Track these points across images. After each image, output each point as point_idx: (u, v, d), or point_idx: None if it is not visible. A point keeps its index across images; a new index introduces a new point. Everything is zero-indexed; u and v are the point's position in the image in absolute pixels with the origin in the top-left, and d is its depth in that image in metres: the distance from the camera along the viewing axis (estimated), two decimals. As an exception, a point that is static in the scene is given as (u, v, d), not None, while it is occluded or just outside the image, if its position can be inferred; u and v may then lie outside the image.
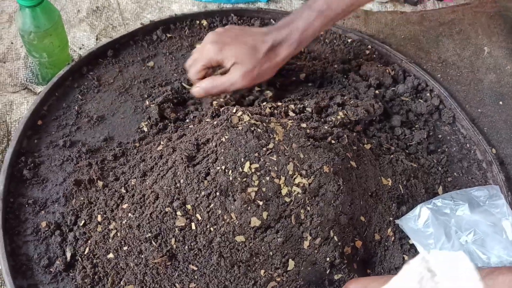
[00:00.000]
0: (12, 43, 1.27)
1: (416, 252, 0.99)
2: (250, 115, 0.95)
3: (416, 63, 1.27)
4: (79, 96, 1.14)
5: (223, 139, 0.91)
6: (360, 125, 1.12)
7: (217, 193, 0.88)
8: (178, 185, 0.90)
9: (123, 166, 1.02)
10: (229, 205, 0.88)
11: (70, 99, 1.14)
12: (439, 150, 1.15)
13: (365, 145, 1.05)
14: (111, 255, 0.91)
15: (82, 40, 1.28)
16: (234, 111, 0.96)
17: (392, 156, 1.06)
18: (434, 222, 0.99)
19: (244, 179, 0.88)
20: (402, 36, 1.32)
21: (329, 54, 1.27)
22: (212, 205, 0.88)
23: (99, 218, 0.94)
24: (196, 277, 0.88)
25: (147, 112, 1.13)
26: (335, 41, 1.30)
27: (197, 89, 1.08)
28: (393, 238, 0.99)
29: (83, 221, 0.96)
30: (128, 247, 0.90)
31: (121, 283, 0.89)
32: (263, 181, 0.89)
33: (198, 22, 1.29)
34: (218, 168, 0.89)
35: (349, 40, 1.30)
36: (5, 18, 1.32)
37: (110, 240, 0.92)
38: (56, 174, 1.03)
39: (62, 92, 1.14)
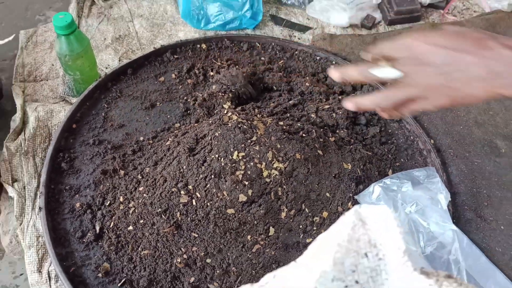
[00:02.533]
0: (52, 65, 1.27)
1: None
2: (237, 115, 0.95)
3: None
4: (105, 105, 1.14)
5: (217, 134, 0.91)
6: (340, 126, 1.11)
7: (212, 176, 0.89)
8: (181, 170, 0.90)
9: (139, 158, 1.01)
10: (221, 185, 0.88)
11: (98, 107, 1.14)
12: (389, 141, 1.14)
13: (330, 138, 1.05)
14: (130, 227, 0.91)
15: (107, 61, 1.28)
16: (225, 112, 0.96)
17: (351, 146, 1.06)
18: (384, 197, 0.98)
19: (233, 165, 0.89)
20: (360, 53, 1.31)
21: (302, 69, 1.27)
22: (208, 185, 0.88)
23: (121, 199, 0.95)
24: (197, 242, 0.88)
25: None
26: (306, 58, 1.30)
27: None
28: None
29: (108, 202, 0.96)
30: (143, 221, 0.91)
31: (139, 249, 0.90)
32: (248, 166, 0.89)
33: (198, 46, 1.29)
34: (213, 156, 0.90)
35: (318, 58, 1.29)
36: (47, 45, 1.32)
37: (129, 216, 0.92)
38: (87, 166, 1.03)
39: (92, 102, 1.14)
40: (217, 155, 0.89)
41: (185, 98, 1.16)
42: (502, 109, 1.21)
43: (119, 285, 0.88)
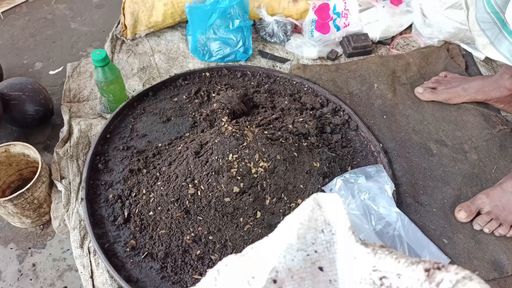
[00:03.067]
0: (92, 89, 1.26)
1: None
2: (232, 126, 0.95)
3: (334, 95, 1.25)
4: (132, 119, 1.14)
5: (216, 141, 0.91)
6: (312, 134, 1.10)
7: (213, 173, 0.88)
8: (189, 168, 0.90)
9: (158, 160, 1.01)
10: (220, 180, 0.88)
11: (126, 121, 1.13)
12: (348, 145, 1.13)
13: (303, 143, 1.05)
14: (151, 213, 0.91)
15: (134, 86, 1.28)
16: (223, 124, 0.96)
17: (320, 149, 1.06)
18: (344, 188, 0.98)
19: (229, 164, 0.88)
20: (326, 79, 1.30)
21: (283, 91, 1.26)
22: (210, 180, 0.88)
23: (144, 191, 0.94)
24: (202, 224, 0.88)
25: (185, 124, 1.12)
26: (286, 83, 1.29)
27: None
28: None
29: (134, 193, 0.95)
30: (161, 207, 0.90)
31: (157, 229, 0.89)
32: (240, 165, 0.89)
33: (203, 74, 1.28)
34: (213, 158, 0.89)
35: (294, 82, 1.29)
36: (88, 74, 1.31)
37: (150, 204, 0.92)
38: (118, 166, 1.03)
39: (122, 117, 1.14)
40: (216, 157, 0.89)
41: (193, 113, 1.15)
42: (433, 120, 1.20)
43: (142, 257, 0.88)
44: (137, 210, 0.92)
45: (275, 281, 0.35)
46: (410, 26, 1.45)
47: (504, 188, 1.00)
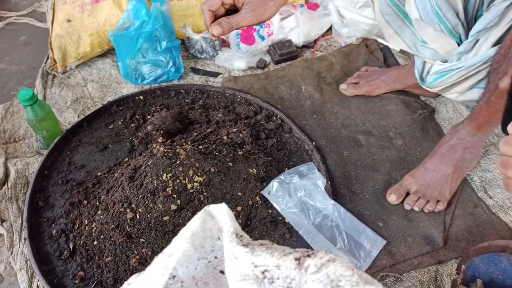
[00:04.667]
0: (27, 127, 1.25)
1: (274, 208, 1.01)
2: (164, 146, 0.97)
3: (266, 101, 1.29)
4: (68, 153, 1.13)
5: (149, 163, 0.92)
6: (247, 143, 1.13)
7: (149, 194, 0.89)
8: (125, 194, 0.91)
9: (98, 189, 1.01)
10: (156, 200, 0.89)
11: (63, 155, 1.13)
12: (284, 148, 1.17)
13: (238, 152, 1.07)
14: (95, 242, 0.91)
15: (69, 119, 1.27)
16: (154, 146, 0.98)
17: (255, 156, 1.09)
18: (281, 189, 1.02)
19: (164, 184, 0.90)
20: (257, 87, 1.34)
21: (217, 104, 1.29)
22: (146, 202, 0.89)
23: (86, 222, 0.94)
24: (145, 245, 0.89)
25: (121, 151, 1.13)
26: (219, 96, 1.32)
27: None
28: (260, 202, 1.01)
29: (77, 226, 0.95)
30: (103, 236, 0.91)
31: (104, 257, 0.90)
32: (175, 183, 0.91)
33: (137, 97, 1.29)
34: (148, 180, 0.90)
35: (227, 94, 1.32)
36: (22, 113, 1.29)
37: (93, 234, 0.92)
38: (59, 201, 1.02)
39: (58, 152, 1.13)
40: (150, 179, 0.90)
41: (130, 138, 1.16)
42: (360, 113, 1.27)
43: (92, 286, 0.88)
44: (81, 241, 0.93)
45: (180, 291, 0.38)
46: (330, 28, 1.52)
47: (426, 167, 1.08)
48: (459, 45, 0.99)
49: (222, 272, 0.40)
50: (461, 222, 1.05)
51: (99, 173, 1.07)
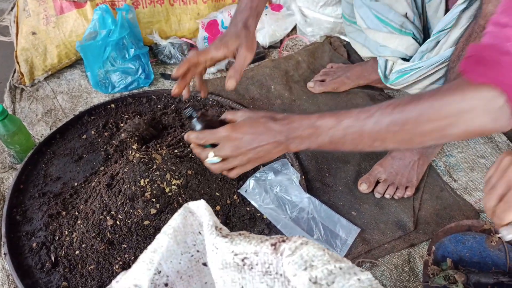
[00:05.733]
0: (-2, 143, 1.25)
1: (251, 206, 1.04)
2: (140, 152, 0.99)
3: (238, 102, 1.31)
4: (43, 165, 1.13)
5: (126, 170, 0.94)
6: None
7: (128, 200, 0.90)
8: (104, 201, 0.92)
9: (75, 200, 1.01)
10: (136, 205, 0.91)
11: (38, 168, 1.12)
12: None
13: None
14: (77, 252, 0.92)
15: (41, 132, 1.27)
16: (130, 152, 0.99)
17: None
18: (257, 186, 1.04)
19: (142, 189, 0.91)
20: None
21: (189, 108, 1.31)
22: (126, 208, 0.90)
23: (66, 232, 0.95)
24: (127, 250, 0.90)
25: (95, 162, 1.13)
26: (191, 99, 1.32)
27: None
28: (238, 200, 1.03)
29: (57, 237, 0.95)
30: (85, 245, 0.91)
31: (87, 266, 0.90)
32: (153, 187, 0.92)
33: (109, 106, 1.29)
34: (126, 186, 0.92)
35: (199, 97, 1.32)
36: (-9, 129, 1.29)
37: (74, 243, 0.93)
38: (37, 214, 1.02)
39: (32, 165, 1.13)
40: (128, 185, 0.91)
41: (104, 147, 1.17)
42: (328, 109, 1.31)
43: (76, 295, 0.89)
44: (63, 252, 0.93)
45: (166, 285, 0.41)
46: (294, 28, 1.56)
47: (393, 156, 1.13)
48: (415, 39, 1.05)
49: (205, 264, 0.42)
50: (429, 206, 1.10)
51: (75, 184, 1.07)
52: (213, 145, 0.79)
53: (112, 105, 1.30)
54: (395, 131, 0.64)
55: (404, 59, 1.08)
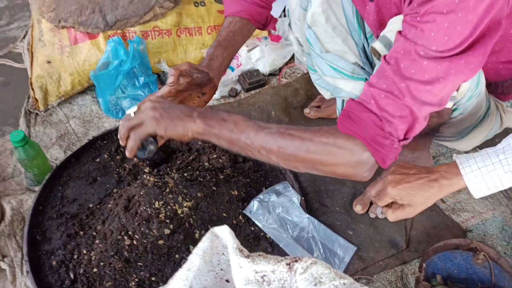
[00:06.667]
0: (15, 165, 1.30)
1: (255, 225, 1.10)
2: (153, 176, 1.06)
3: None
4: (60, 188, 1.18)
5: (141, 193, 1.00)
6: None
7: (144, 222, 0.97)
8: (122, 223, 0.98)
9: (92, 220, 1.06)
10: (151, 226, 0.97)
11: (55, 190, 1.17)
12: (260, 169, 1.24)
13: (220, 176, 1.16)
14: (95, 269, 0.97)
15: (56, 155, 1.33)
16: (145, 176, 1.06)
17: (235, 178, 1.17)
18: (261, 207, 1.11)
19: (156, 211, 0.98)
20: None
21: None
22: (142, 228, 0.96)
23: (84, 251, 1.00)
24: (143, 268, 0.96)
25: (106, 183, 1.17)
26: None
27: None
28: (243, 220, 1.09)
29: (76, 255, 1.00)
30: (103, 263, 0.97)
31: (104, 282, 0.95)
32: (167, 209, 0.98)
33: (120, 131, 1.36)
34: (142, 208, 0.98)
35: None
36: (8, 152, 1.34)
37: (93, 262, 0.98)
38: (56, 234, 1.06)
39: (50, 188, 1.17)
40: (144, 207, 0.98)
41: (117, 170, 1.21)
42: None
43: (95, 310, 0.95)
44: (81, 270, 0.98)
45: (196, 298, 0.48)
46: (292, 57, 1.66)
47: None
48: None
49: (227, 281, 0.50)
50: (420, 226, 1.18)
51: (91, 205, 1.13)
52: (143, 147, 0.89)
53: (123, 130, 1.36)
54: (278, 148, 0.80)
55: None
